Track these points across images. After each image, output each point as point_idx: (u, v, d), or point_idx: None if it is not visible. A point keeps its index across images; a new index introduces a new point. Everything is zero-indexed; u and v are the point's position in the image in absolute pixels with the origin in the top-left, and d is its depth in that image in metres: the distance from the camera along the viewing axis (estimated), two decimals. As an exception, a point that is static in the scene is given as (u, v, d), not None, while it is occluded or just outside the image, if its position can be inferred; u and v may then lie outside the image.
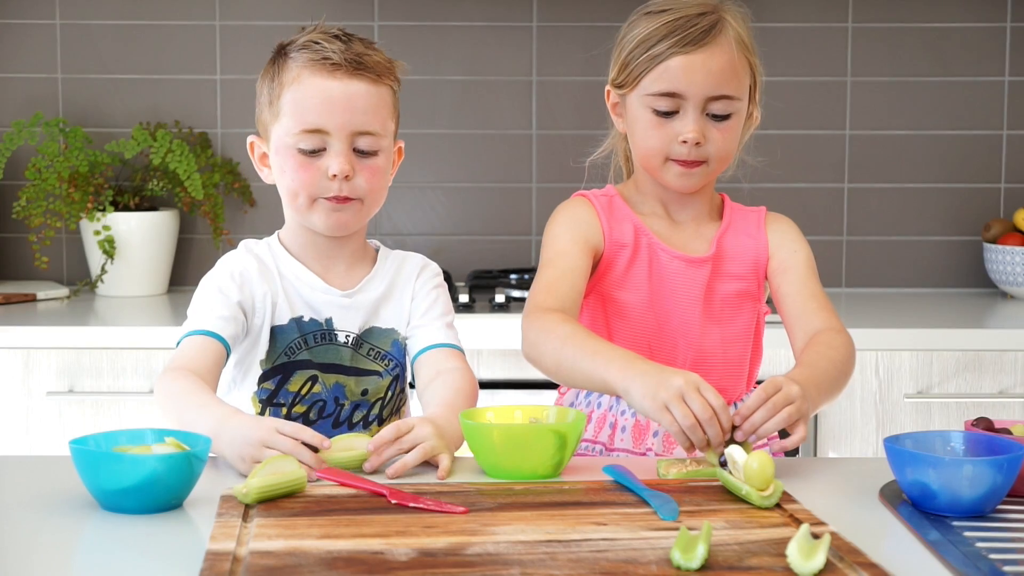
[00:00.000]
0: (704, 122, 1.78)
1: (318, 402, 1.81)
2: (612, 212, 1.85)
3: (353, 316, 1.82)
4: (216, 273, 1.80)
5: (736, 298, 1.87)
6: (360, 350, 1.82)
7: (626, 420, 1.83)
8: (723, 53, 1.78)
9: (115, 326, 2.65)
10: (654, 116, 1.79)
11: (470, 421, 1.59)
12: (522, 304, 2.76)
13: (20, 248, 3.15)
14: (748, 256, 1.87)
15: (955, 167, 3.19)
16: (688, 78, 1.76)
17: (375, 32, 3.11)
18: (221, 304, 1.76)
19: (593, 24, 3.09)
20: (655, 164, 1.81)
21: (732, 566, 1.22)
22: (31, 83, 3.12)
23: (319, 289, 1.81)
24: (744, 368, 1.88)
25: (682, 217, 1.88)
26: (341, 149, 1.74)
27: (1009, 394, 2.63)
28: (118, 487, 1.41)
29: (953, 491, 1.40)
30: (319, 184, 1.75)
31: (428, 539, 1.29)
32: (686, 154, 1.78)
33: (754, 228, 1.89)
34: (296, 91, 1.75)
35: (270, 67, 1.80)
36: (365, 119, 1.75)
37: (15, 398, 2.60)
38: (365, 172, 1.76)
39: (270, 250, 1.84)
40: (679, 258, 1.83)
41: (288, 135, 1.75)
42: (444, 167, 3.16)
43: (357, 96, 1.75)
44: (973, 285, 3.21)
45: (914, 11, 3.15)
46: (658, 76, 1.78)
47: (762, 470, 1.42)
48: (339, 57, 1.74)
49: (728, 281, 1.86)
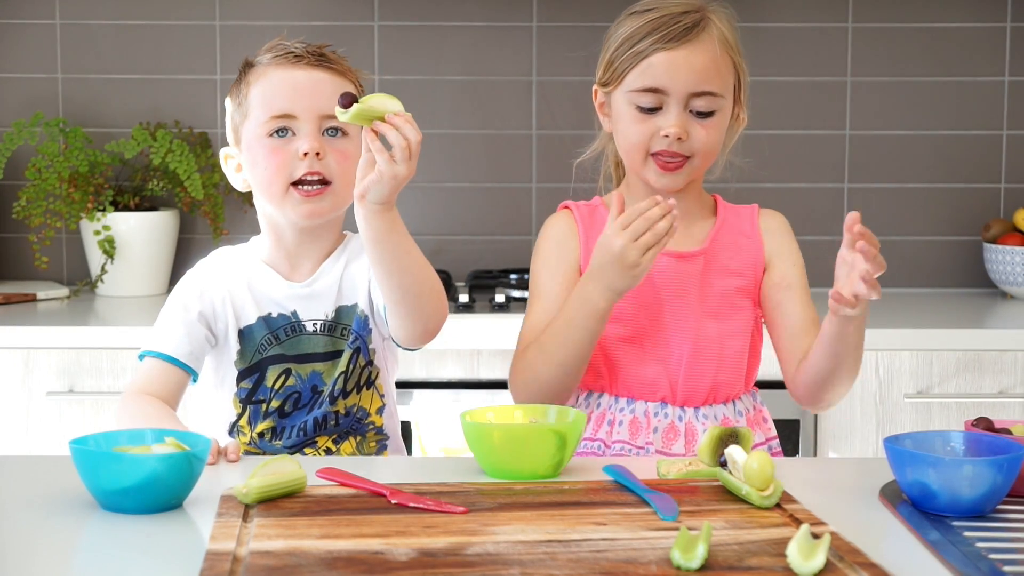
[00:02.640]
0: (687, 118, 1.80)
1: (293, 394, 1.84)
2: (593, 223, 1.87)
3: (317, 304, 1.85)
4: (180, 286, 1.88)
5: (735, 294, 1.87)
6: (334, 333, 1.86)
7: (623, 416, 1.84)
8: (706, 50, 1.79)
9: (115, 326, 2.65)
10: (637, 112, 1.81)
11: (470, 421, 1.59)
12: (522, 304, 2.77)
13: (20, 248, 3.15)
14: (744, 254, 1.88)
15: (955, 167, 3.19)
16: (670, 74, 1.78)
17: (375, 32, 3.11)
18: (181, 321, 1.83)
19: (593, 24, 3.09)
20: (637, 160, 1.83)
21: (732, 566, 1.22)
22: (31, 83, 3.12)
23: (281, 284, 1.85)
24: (742, 365, 1.88)
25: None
26: (310, 130, 1.80)
27: (1009, 394, 2.63)
28: (118, 487, 1.41)
29: (953, 491, 1.40)
30: (291, 165, 1.79)
31: (428, 539, 1.29)
32: (667, 146, 1.79)
33: (748, 226, 1.90)
34: (262, 85, 1.82)
35: (237, 80, 1.87)
36: (331, 103, 1.76)
37: (15, 398, 2.60)
38: (335, 154, 1.81)
39: (240, 255, 1.90)
40: (668, 254, 1.84)
41: (258, 126, 1.81)
42: (444, 167, 3.16)
43: (322, 82, 1.81)
44: (973, 285, 3.21)
45: (914, 11, 3.15)
46: (641, 72, 1.79)
47: (762, 470, 1.42)
48: (301, 51, 1.82)
49: (725, 277, 1.87)
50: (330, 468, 1.54)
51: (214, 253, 1.92)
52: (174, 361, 1.81)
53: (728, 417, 1.86)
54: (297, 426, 1.84)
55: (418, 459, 1.86)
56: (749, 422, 1.88)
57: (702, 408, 1.85)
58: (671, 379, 1.84)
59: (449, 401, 2.61)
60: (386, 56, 3.11)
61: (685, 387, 1.84)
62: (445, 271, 3.07)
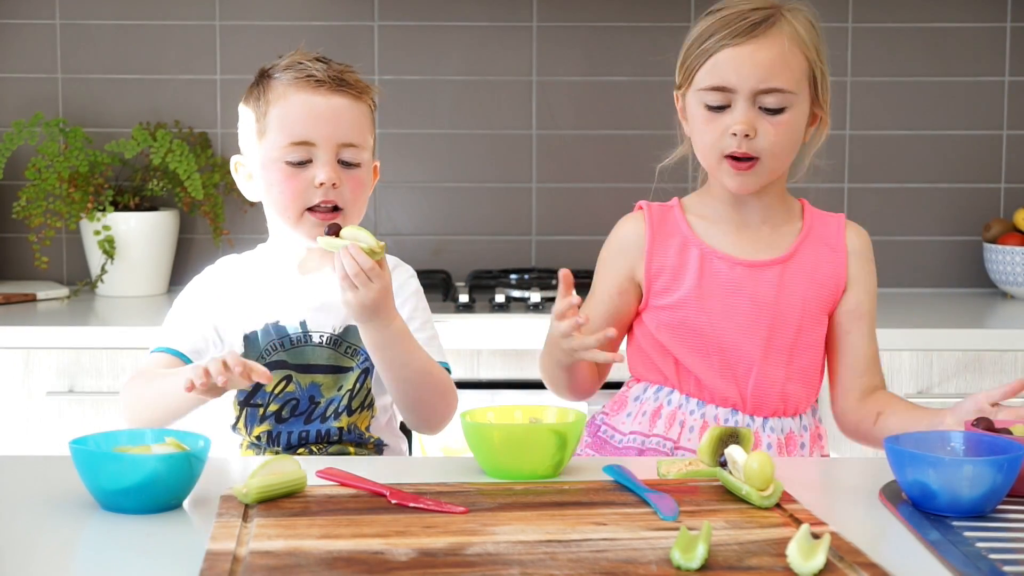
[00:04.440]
0: (755, 115, 1.78)
1: (291, 400, 1.85)
2: (663, 225, 1.85)
3: (326, 317, 1.86)
4: (187, 289, 1.91)
5: (814, 305, 1.84)
6: (339, 348, 1.87)
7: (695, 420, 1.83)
8: (773, 45, 1.77)
9: (115, 326, 2.65)
10: (707, 111, 1.79)
11: (470, 421, 1.59)
12: (522, 304, 2.77)
13: (20, 248, 3.15)
14: (828, 266, 1.86)
15: (955, 167, 3.19)
16: (735, 70, 1.76)
17: (375, 32, 3.11)
18: (189, 320, 1.86)
19: (593, 24, 3.09)
20: (711, 163, 1.81)
21: (732, 566, 1.22)
22: (31, 83, 3.12)
23: (292, 294, 1.87)
24: (815, 378, 1.86)
25: (752, 220, 1.86)
26: (327, 159, 1.81)
27: (1009, 394, 2.63)
28: (118, 487, 1.41)
29: (953, 491, 1.40)
30: (306, 194, 1.81)
31: (428, 539, 1.29)
32: (736, 147, 1.77)
33: (834, 237, 1.87)
34: (282, 107, 1.83)
35: (254, 89, 1.88)
36: (349, 131, 1.83)
37: (15, 398, 2.60)
38: (350, 183, 1.83)
39: (248, 261, 1.92)
40: (742, 264, 1.82)
41: (275, 149, 1.82)
42: (444, 167, 3.16)
43: (341, 109, 1.83)
44: (973, 285, 3.21)
45: (914, 11, 3.15)
46: (709, 70, 1.78)
47: (762, 470, 1.42)
48: (323, 75, 1.83)
49: (806, 287, 1.84)
50: (330, 468, 1.54)
51: (221, 260, 1.94)
52: (180, 355, 1.84)
53: (793, 431, 1.84)
54: (296, 433, 1.84)
55: (418, 459, 1.86)
56: (811, 437, 1.87)
57: (770, 420, 1.83)
58: (740, 387, 1.82)
59: (449, 401, 2.61)
60: (386, 56, 3.11)
61: (755, 397, 1.82)
62: (445, 271, 3.07)
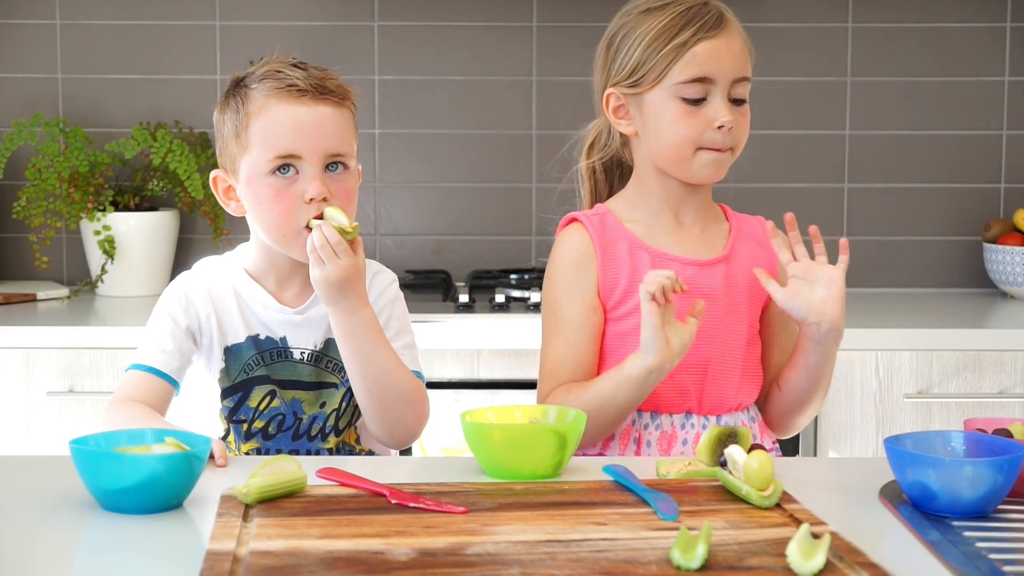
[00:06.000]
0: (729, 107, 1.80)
1: (277, 416, 1.82)
2: (605, 233, 1.84)
3: (307, 333, 1.83)
4: (164, 298, 1.84)
5: (754, 301, 1.87)
6: (320, 364, 1.83)
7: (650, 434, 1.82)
8: (737, 36, 1.82)
9: (115, 326, 2.65)
10: (684, 105, 1.79)
11: (470, 421, 1.59)
12: (522, 304, 2.77)
13: (20, 248, 3.15)
14: (760, 263, 1.86)
15: (955, 167, 3.19)
16: (716, 61, 1.78)
17: (375, 32, 3.11)
18: (167, 334, 1.80)
19: (593, 24, 3.08)
20: (685, 155, 1.81)
21: (732, 566, 1.22)
22: (31, 83, 3.12)
23: (272, 308, 1.83)
24: (760, 370, 1.88)
25: (687, 220, 1.87)
26: (315, 172, 1.75)
27: (1009, 394, 2.63)
28: (118, 487, 1.41)
29: (953, 491, 1.40)
30: (298, 213, 1.75)
31: (428, 539, 1.29)
32: (720, 141, 1.79)
33: (760, 235, 1.89)
34: (264, 119, 1.75)
35: (230, 100, 1.80)
36: (335, 140, 1.77)
37: (15, 398, 2.60)
38: (339, 192, 1.77)
39: (226, 267, 1.86)
40: (692, 263, 1.83)
41: (260, 164, 1.76)
42: (444, 167, 3.16)
43: (326, 119, 1.76)
44: (973, 285, 3.21)
45: (914, 11, 3.15)
46: (687, 64, 1.78)
47: (762, 470, 1.42)
48: (304, 83, 1.75)
49: (744, 284, 1.86)
50: (330, 468, 1.54)
51: (197, 264, 1.88)
52: (158, 373, 1.79)
53: (746, 423, 1.85)
54: (286, 451, 1.82)
55: (418, 459, 1.86)
56: (760, 427, 1.87)
57: (724, 416, 1.84)
58: (697, 389, 1.82)
59: (449, 401, 2.61)
60: (386, 56, 3.11)
61: (712, 396, 1.82)
62: (445, 271, 3.07)
